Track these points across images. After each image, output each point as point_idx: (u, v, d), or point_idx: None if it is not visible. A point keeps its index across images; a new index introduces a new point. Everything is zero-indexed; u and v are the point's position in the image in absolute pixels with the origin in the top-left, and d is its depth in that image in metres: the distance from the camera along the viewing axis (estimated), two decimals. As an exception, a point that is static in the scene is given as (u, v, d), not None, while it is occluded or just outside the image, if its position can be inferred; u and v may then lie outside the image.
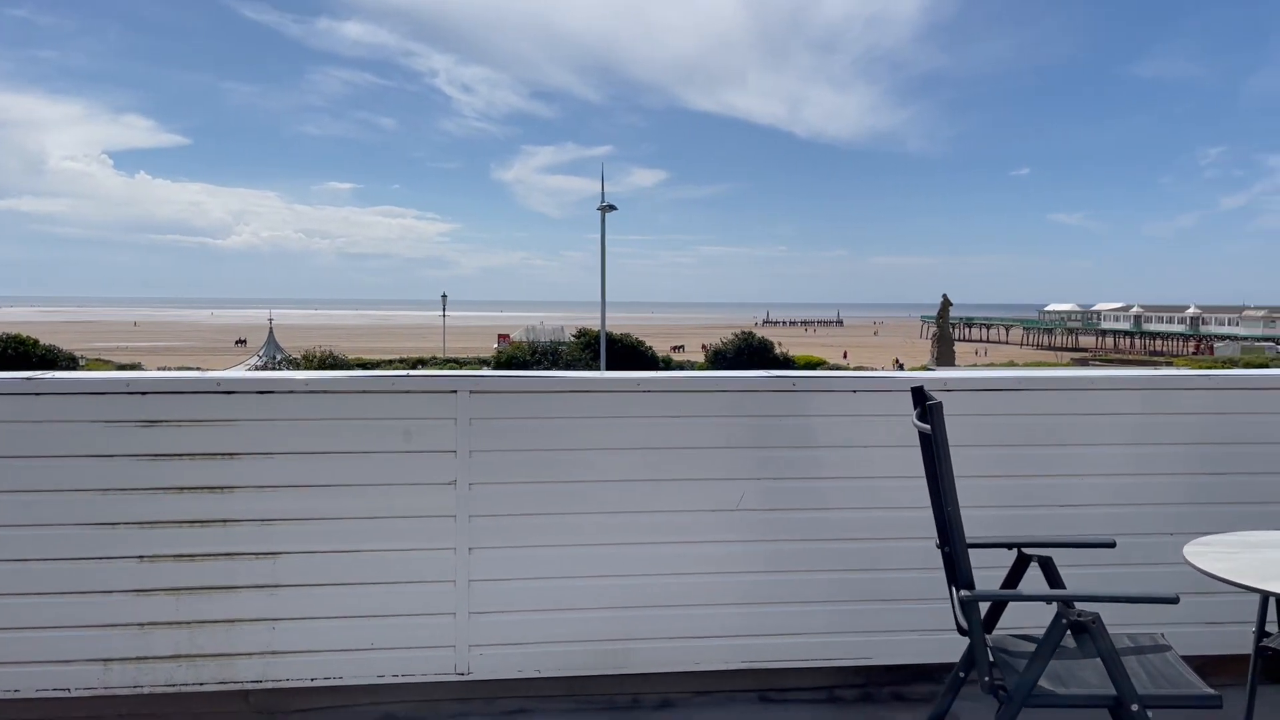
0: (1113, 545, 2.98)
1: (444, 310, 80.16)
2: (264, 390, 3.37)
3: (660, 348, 74.29)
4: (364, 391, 3.42)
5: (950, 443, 3.46)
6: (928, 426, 2.64)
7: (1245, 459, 3.68)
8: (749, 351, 55.91)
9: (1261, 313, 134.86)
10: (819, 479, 3.58)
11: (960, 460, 2.92)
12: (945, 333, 62.40)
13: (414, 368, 61.13)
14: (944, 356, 60.16)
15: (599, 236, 38.19)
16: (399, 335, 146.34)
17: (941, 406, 2.61)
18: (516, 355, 39.94)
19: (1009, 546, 2.98)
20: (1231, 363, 57.97)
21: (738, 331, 59.08)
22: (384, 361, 63.13)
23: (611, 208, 37.68)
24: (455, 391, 3.45)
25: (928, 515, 3.42)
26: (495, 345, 71.85)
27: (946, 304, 63.75)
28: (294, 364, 40.43)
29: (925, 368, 55.60)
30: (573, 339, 57.77)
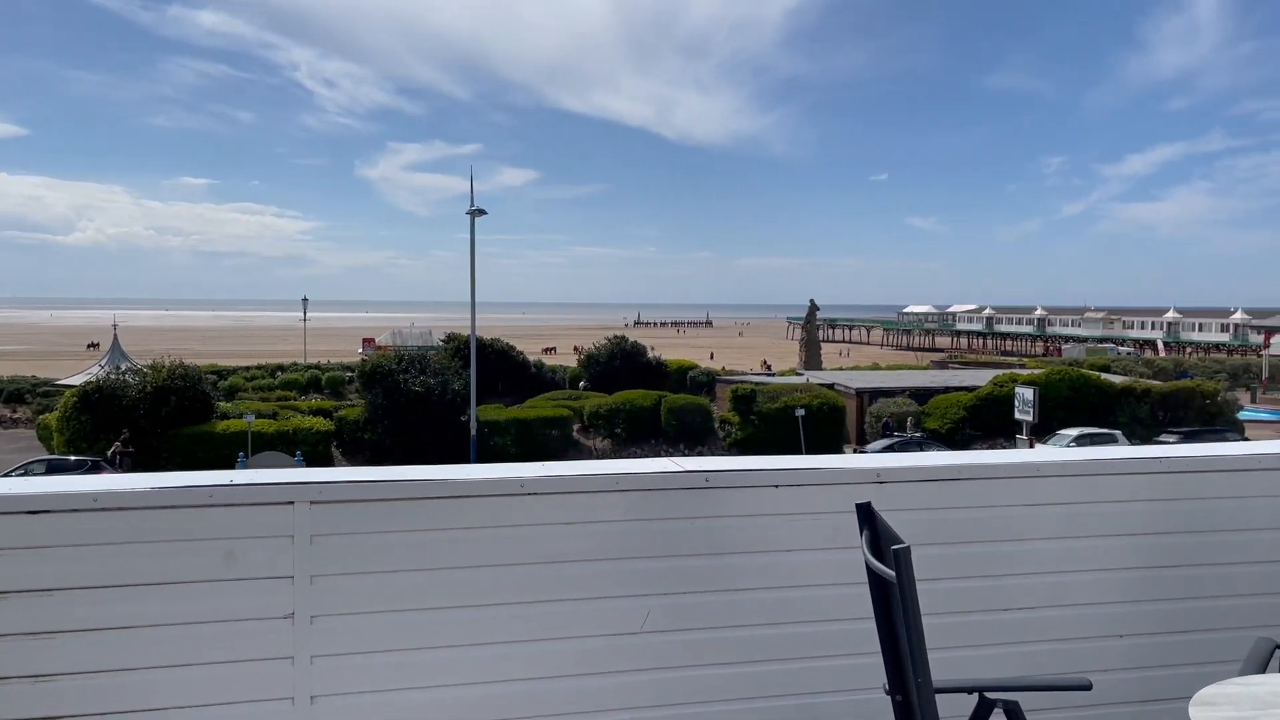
0: (1088, 687, 2.54)
1: (305, 313, 77.06)
2: (36, 510, 2.61)
3: (532, 350, 73.35)
4: (171, 507, 2.70)
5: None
6: (891, 573, 2.11)
7: (1194, 550, 3.33)
8: (622, 356, 55.57)
9: (1101, 314, 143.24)
10: (737, 591, 3.04)
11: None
12: (813, 337, 63.56)
13: (273, 374, 58.50)
14: (812, 360, 61.27)
15: (468, 236, 37.16)
16: (257, 338, 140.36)
17: (909, 552, 2.09)
18: (383, 364, 38.47)
19: (969, 691, 2.50)
20: (1077, 363, 60.98)
21: (611, 336, 58.65)
22: (241, 367, 60.20)
23: (481, 212, 36.67)
24: (292, 503, 2.76)
25: (863, 627, 2.96)
26: (360, 350, 69.46)
27: (814, 308, 64.95)
28: (140, 373, 37.85)
29: (794, 371, 56.47)
30: (442, 344, 56.34)
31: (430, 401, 37.35)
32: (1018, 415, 28.75)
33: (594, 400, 42.47)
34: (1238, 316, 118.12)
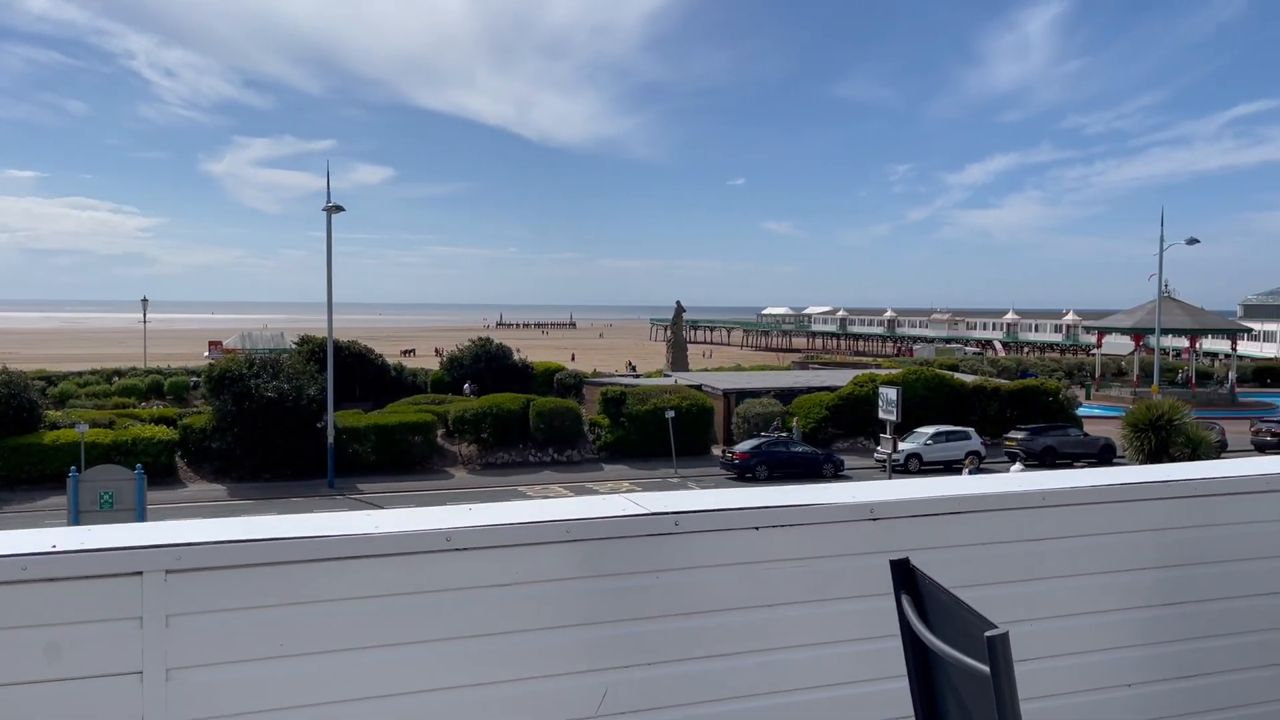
0: None
1: (145, 315, 72.55)
2: None
3: (390, 353, 71.14)
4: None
5: (872, 591, 2.51)
6: (984, 668, 1.58)
7: (1205, 583, 2.99)
8: (487, 358, 54.42)
9: (946, 316, 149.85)
10: (712, 658, 2.51)
11: (887, 613, 2.11)
12: (679, 338, 63.85)
13: (110, 380, 54.60)
14: (678, 362, 61.51)
15: (322, 235, 35.45)
16: (92, 341, 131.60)
17: (1008, 641, 1.57)
18: (232, 367, 36.28)
19: None
20: (928, 363, 63.29)
21: (475, 338, 57.36)
22: (74, 373, 55.96)
23: (339, 208, 35.03)
24: (140, 573, 2.07)
25: (862, 693, 2.54)
26: (206, 353, 65.77)
27: (680, 310, 65.26)
28: (-45, 380, 34.54)
29: (661, 372, 56.54)
30: (295, 346, 53.83)
31: (284, 407, 35.49)
32: (882, 415, 29.34)
33: (459, 404, 41.30)
34: (1069, 318, 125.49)
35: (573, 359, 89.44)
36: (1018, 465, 33.36)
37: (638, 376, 58.22)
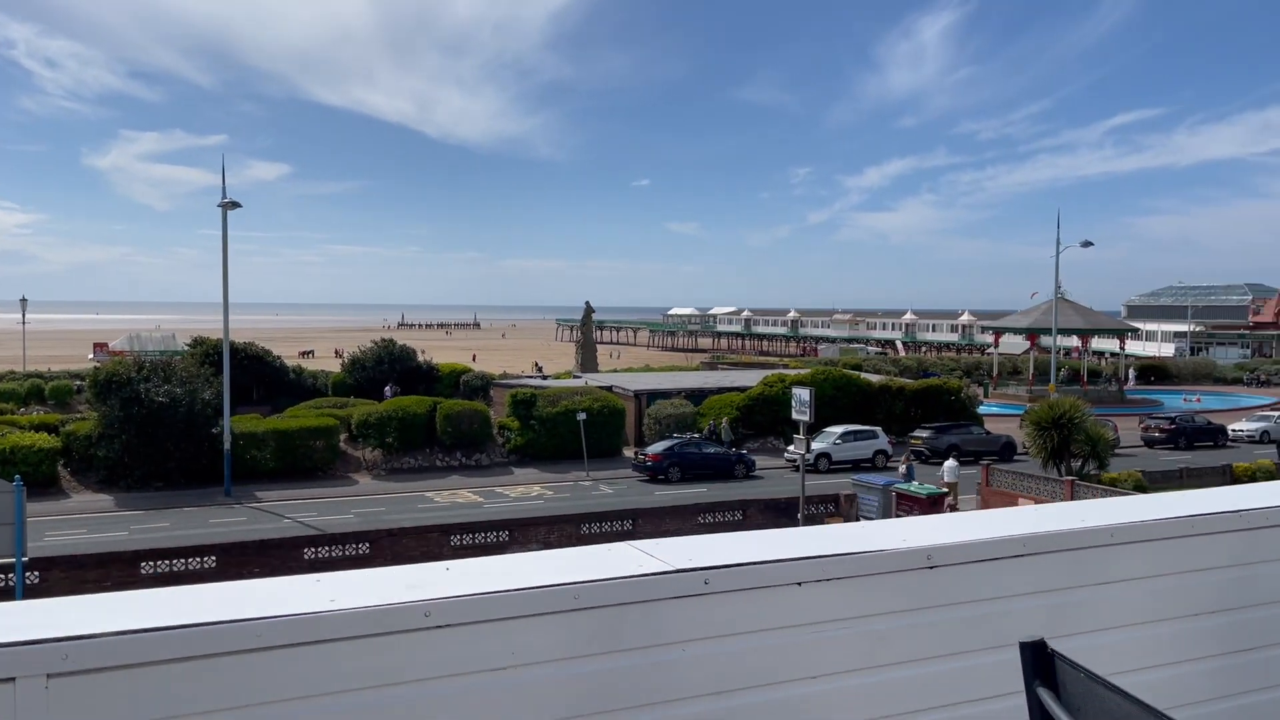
0: None
1: (24, 315, 68.66)
2: None
3: (288, 354, 68.81)
4: None
5: (930, 653, 2.18)
6: None
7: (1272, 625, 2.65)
8: (390, 360, 53.01)
9: (848, 316, 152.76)
10: None
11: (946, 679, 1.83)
12: (589, 339, 63.32)
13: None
14: (588, 363, 60.99)
15: (215, 232, 33.84)
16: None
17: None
18: (120, 371, 34.34)
19: None
20: (833, 363, 64.17)
21: (378, 339, 55.80)
22: (-58, 377, 52.40)
23: (235, 204, 33.46)
24: (13, 680, 1.53)
25: None
26: (91, 356, 62.46)
27: (589, 310, 64.70)
28: None
29: (571, 374, 55.90)
30: (188, 348, 51.51)
31: (177, 413, 33.78)
32: (795, 415, 29.32)
33: (363, 408, 40.00)
34: (965, 318, 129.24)
35: (473, 359, 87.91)
36: (951, 462, 33.78)
37: (545, 378, 57.49)
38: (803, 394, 28.90)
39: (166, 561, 22.24)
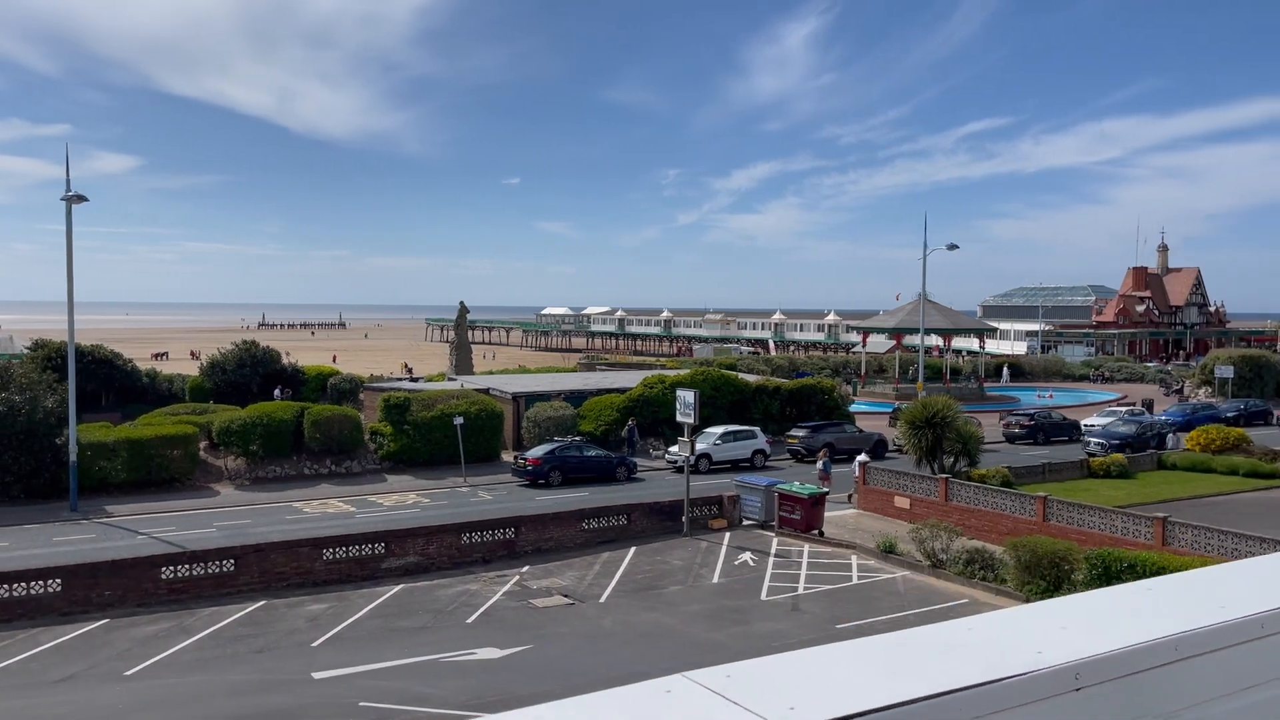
0: None
1: None
2: None
3: (141, 357, 64.90)
4: None
5: None
6: None
7: None
8: (252, 363, 50.55)
9: (719, 316, 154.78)
10: None
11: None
12: (463, 340, 61.80)
13: None
14: (463, 365, 59.54)
15: (56, 227, 31.37)
16: None
17: None
18: (-53, 378, 31.43)
19: None
20: (709, 363, 64.59)
21: (239, 341, 53.10)
22: None
23: (81, 198, 31.04)
24: None
25: None
26: (-86, 360, 57.35)
27: (464, 310, 63.16)
28: None
29: (445, 376, 54.45)
30: (26, 351, 47.90)
31: (15, 422, 31.18)
32: (680, 417, 29.14)
33: (224, 414, 37.86)
34: (831, 318, 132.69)
35: (333, 360, 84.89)
36: (863, 456, 34.12)
37: (416, 379, 55.88)
38: (687, 396, 28.76)
39: (5, 587, 20.30)
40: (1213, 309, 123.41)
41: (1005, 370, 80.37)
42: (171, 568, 21.98)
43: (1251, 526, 24.08)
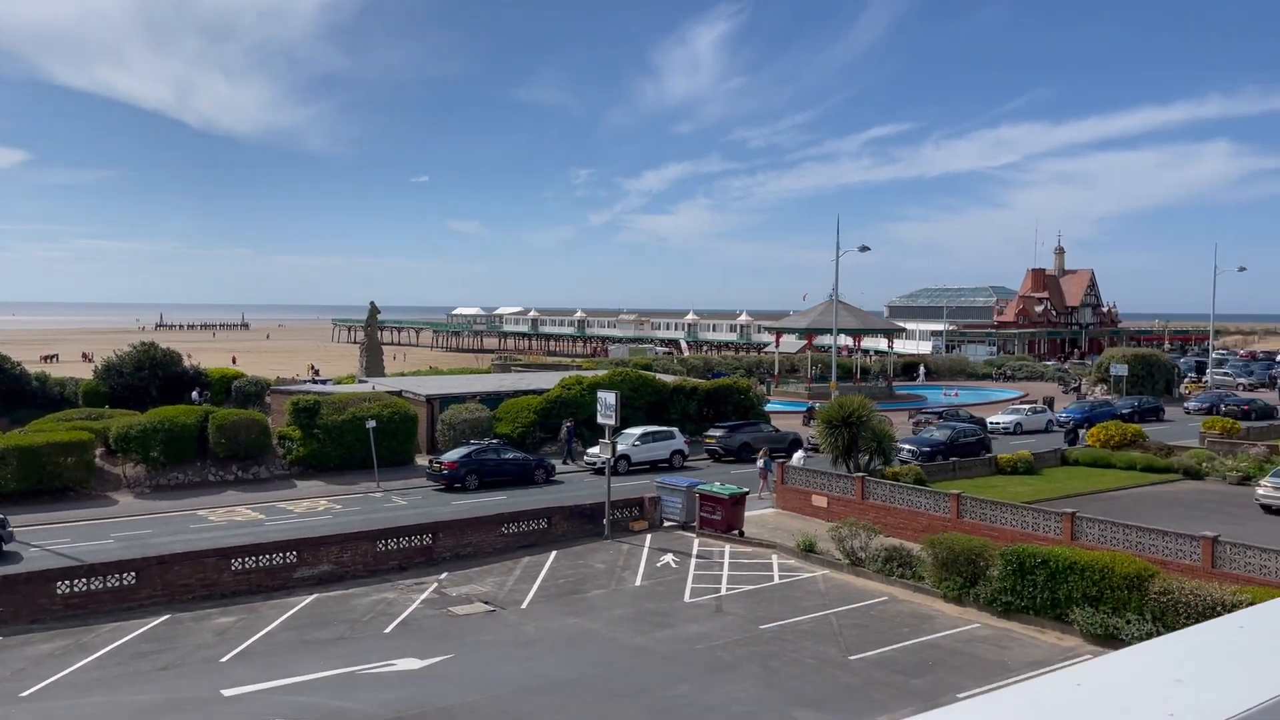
0: None
1: None
2: None
3: (29, 360, 61.74)
4: None
5: None
6: None
7: None
8: (152, 366, 48.62)
9: (633, 316, 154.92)
10: None
11: None
12: (374, 341, 60.38)
13: None
14: (373, 366, 58.20)
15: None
16: None
17: None
18: None
19: None
20: (624, 363, 64.52)
21: (137, 342, 50.96)
22: None
23: (-36, 191, 29.38)
24: None
25: None
26: None
27: (374, 311, 61.72)
28: None
29: (355, 378, 53.13)
30: (-97, 354, 45.13)
31: (-109, 430, 29.25)
32: (600, 419, 28.93)
33: (122, 419, 36.22)
34: (743, 318, 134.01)
35: (233, 362, 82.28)
36: (800, 454, 34.21)
37: (325, 381, 54.46)
38: (608, 397, 28.54)
39: (-119, 607, 18.95)
40: (1105, 309, 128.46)
41: (922, 370, 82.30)
42: (67, 582, 20.84)
43: (1151, 519, 25.00)
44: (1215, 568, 20.27)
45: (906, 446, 38.45)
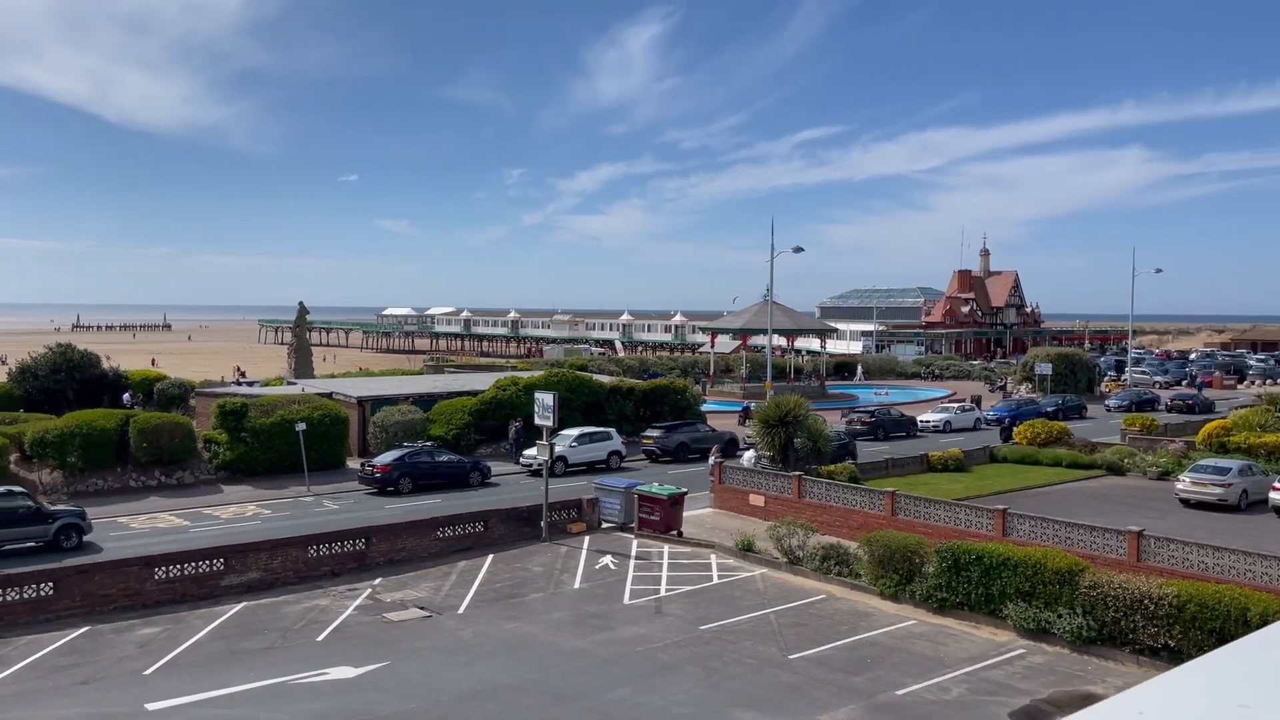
0: None
1: None
2: None
3: (-63, 362, 59.05)
4: None
5: None
6: None
7: None
8: (69, 368, 46.86)
9: (567, 317, 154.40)
10: None
11: None
12: (303, 342, 59.05)
13: None
14: (303, 368, 56.95)
15: None
16: None
17: None
18: None
19: None
20: (560, 364, 64.16)
21: (53, 344, 49.12)
22: None
23: None
24: None
25: None
26: None
27: (303, 312, 60.37)
28: None
29: (284, 380, 51.92)
30: None
31: None
32: (538, 420, 28.67)
33: (38, 423, 34.85)
34: (678, 318, 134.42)
35: (152, 364, 79.95)
36: (750, 454, 34.14)
37: (252, 383, 53.18)
38: (546, 398, 28.28)
39: None
40: (1029, 310, 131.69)
41: (860, 369, 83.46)
42: (-21, 595, 19.91)
43: (1078, 515, 25.61)
44: (1141, 561, 20.80)
45: (748, 454, 35.41)
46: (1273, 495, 29.28)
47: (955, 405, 55.16)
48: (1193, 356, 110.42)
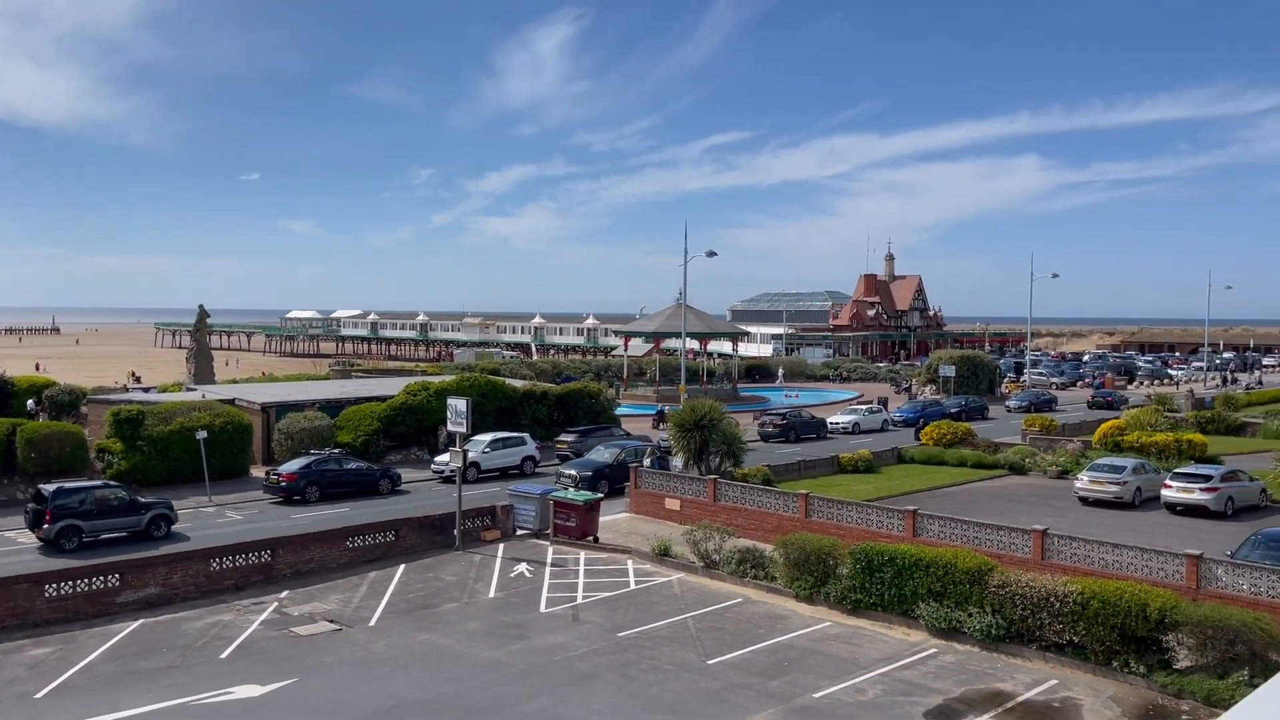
0: None
1: None
2: None
3: None
4: None
5: None
6: None
7: None
8: (-51, 374, 44.28)
9: (478, 320, 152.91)
10: None
11: None
12: (204, 347, 56.97)
13: None
14: (203, 373, 54.95)
15: None
16: None
17: None
18: None
19: None
20: (471, 368, 63.34)
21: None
22: None
23: None
24: None
25: None
26: None
27: (204, 315, 58.28)
28: None
29: (183, 386, 50.02)
30: None
31: None
32: (451, 427, 28.15)
33: (-87, 434, 32.83)
34: (590, 321, 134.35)
35: (37, 369, 76.44)
36: (678, 461, 33.92)
37: (148, 389, 51.14)
38: (459, 404, 27.78)
39: None
40: (932, 313, 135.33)
41: (781, 372, 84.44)
42: None
43: (983, 514, 26.26)
44: (1045, 559, 21.40)
45: (567, 473, 34.07)
46: (1165, 493, 30.50)
47: (863, 407, 56.19)
48: (1086, 358, 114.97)
